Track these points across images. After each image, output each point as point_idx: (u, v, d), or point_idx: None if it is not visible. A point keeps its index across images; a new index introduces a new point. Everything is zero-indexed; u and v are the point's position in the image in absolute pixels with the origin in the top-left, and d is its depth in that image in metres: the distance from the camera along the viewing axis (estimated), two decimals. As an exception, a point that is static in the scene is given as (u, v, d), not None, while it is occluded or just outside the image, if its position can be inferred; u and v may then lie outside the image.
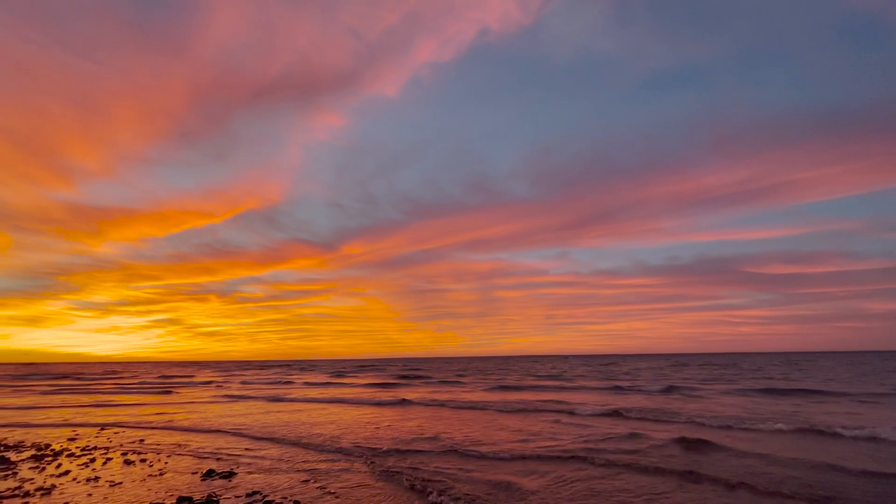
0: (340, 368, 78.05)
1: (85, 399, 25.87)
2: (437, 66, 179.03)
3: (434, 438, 11.76)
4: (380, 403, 20.62)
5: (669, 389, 25.85)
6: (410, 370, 62.22)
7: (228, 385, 37.04)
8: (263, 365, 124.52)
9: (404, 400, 21.55)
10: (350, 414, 17.30)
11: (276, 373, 61.50)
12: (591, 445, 10.50)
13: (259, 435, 12.74)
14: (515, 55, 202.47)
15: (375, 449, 10.52)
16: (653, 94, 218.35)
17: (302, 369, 75.33)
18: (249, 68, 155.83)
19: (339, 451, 10.46)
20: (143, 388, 34.31)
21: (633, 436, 11.60)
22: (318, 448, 10.83)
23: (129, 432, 13.46)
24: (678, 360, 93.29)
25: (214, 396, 26.59)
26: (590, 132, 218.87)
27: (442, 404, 19.64)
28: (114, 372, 75.76)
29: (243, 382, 40.63)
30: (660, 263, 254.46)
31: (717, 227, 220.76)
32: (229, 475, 8.17)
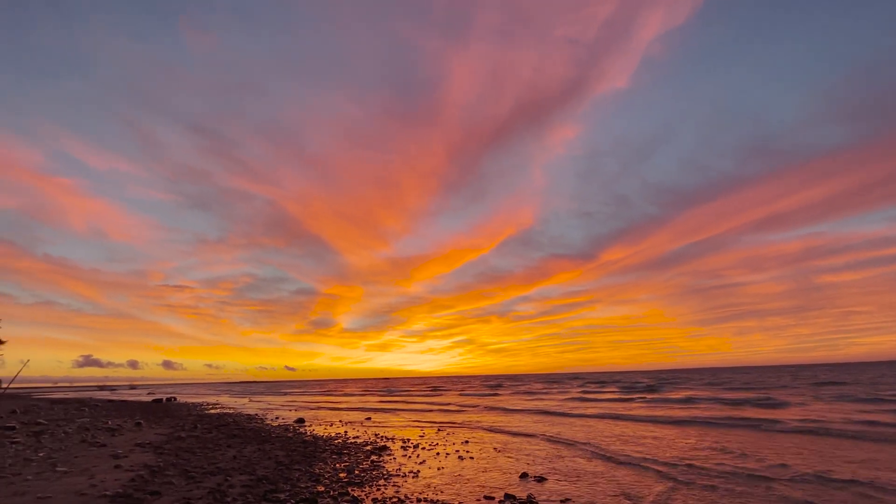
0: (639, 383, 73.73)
1: (422, 404, 33.47)
2: (669, 36, 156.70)
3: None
4: None
5: None
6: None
7: (539, 397, 40.62)
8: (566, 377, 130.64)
9: None
10: None
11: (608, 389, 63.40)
12: None
13: (564, 446, 13.35)
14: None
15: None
16: None
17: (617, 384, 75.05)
18: (487, 114, 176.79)
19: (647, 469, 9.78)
20: (464, 398, 41.66)
21: None
22: (626, 464, 10.45)
23: (458, 433, 16.49)
24: None
25: (525, 408, 29.64)
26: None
27: None
28: (435, 383, 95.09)
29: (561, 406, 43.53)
30: None
31: None
32: (541, 479, 8.84)
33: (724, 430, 15.69)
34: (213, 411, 30.21)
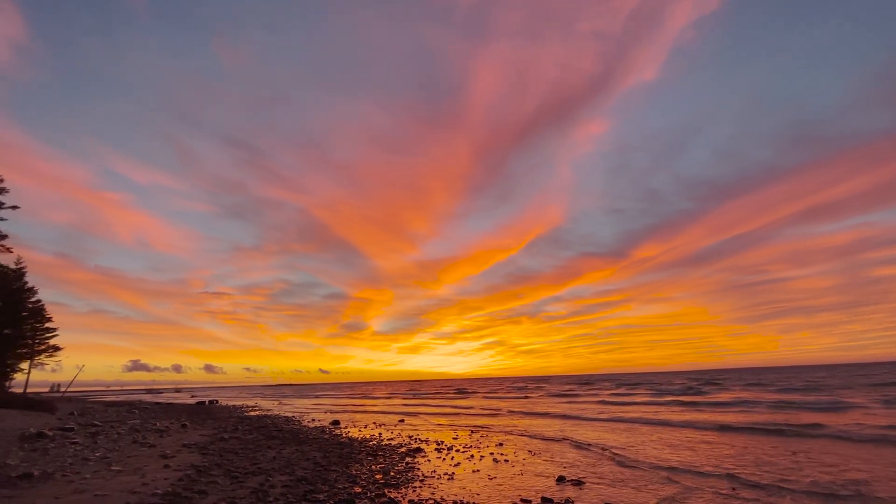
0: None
1: (453, 407, 33.45)
2: (700, 24, 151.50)
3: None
4: None
5: None
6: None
7: (573, 399, 39.96)
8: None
9: None
10: None
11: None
12: None
13: (600, 450, 13.04)
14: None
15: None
16: None
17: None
18: (511, 112, 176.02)
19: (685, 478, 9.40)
20: (496, 401, 41.40)
21: None
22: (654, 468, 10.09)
23: (492, 435, 16.38)
24: None
25: (559, 410, 29.21)
26: None
27: None
28: (466, 386, 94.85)
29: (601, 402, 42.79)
30: None
31: None
32: (579, 483, 8.65)
33: (778, 437, 14.65)
34: (252, 413, 31.20)
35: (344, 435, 16.92)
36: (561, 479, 8.94)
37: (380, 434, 17.30)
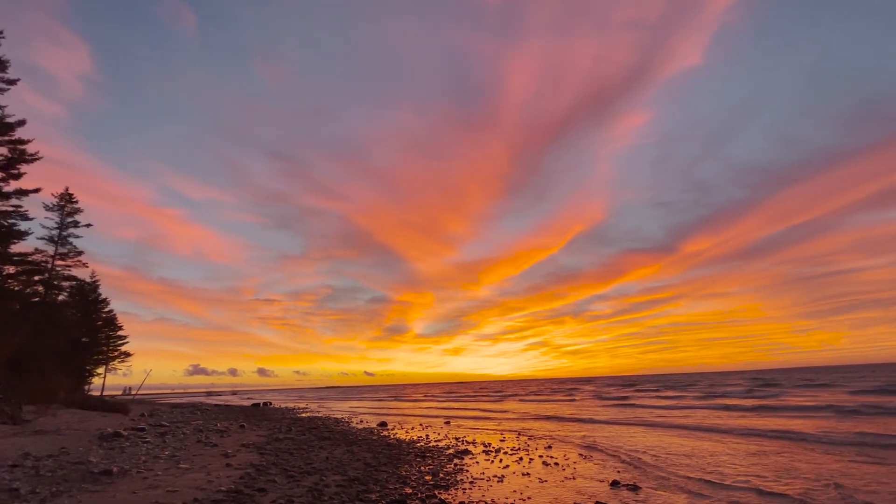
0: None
1: (498, 409, 33.17)
2: (747, 1, 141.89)
3: None
4: None
5: None
6: None
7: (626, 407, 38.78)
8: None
9: None
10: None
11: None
12: None
13: (655, 456, 12.51)
14: None
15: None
16: None
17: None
18: (546, 109, 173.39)
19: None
20: (541, 403, 40.75)
21: None
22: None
23: (539, 438, 16.10)
24: None
25: (608, 413, 28.38)
26: None
27: None
28: (510, 387, 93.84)
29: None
30: None
31: None
32: (634, 488, 8.31)
33: (866, 447, 13.02)
34: (303, 415, 32.35)
35: (392, 436, 17.18)
36: (615, 484, 8.63)
37: (427, 435, 17.42)
